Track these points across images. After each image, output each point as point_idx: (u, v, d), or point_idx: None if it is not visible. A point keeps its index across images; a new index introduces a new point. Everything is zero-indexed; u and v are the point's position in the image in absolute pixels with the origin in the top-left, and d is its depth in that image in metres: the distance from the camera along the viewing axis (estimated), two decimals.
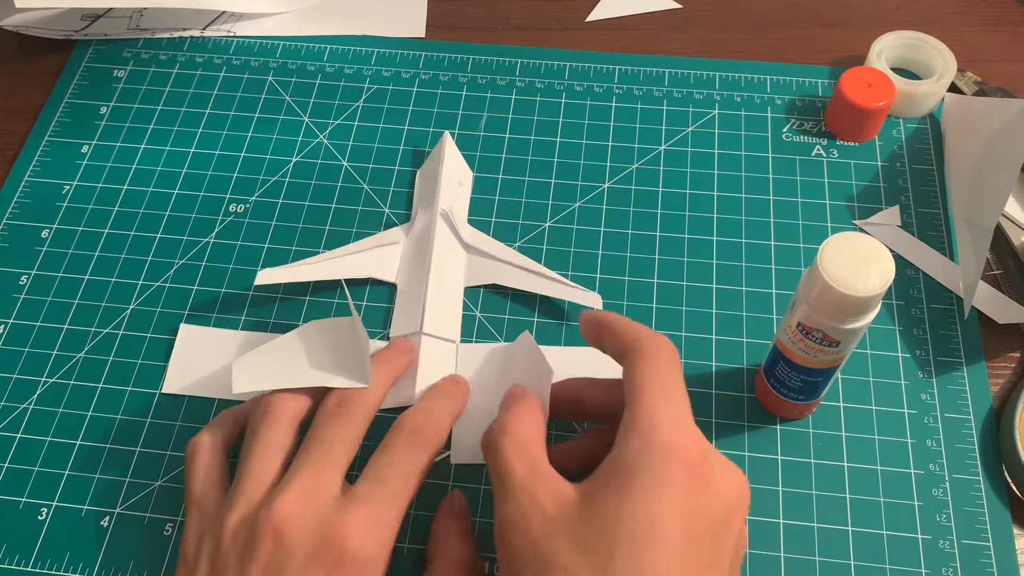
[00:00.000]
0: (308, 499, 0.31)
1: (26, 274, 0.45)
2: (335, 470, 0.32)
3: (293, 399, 0.35)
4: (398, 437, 0.33)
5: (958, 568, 0.36)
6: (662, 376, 0.30)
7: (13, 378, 0.42)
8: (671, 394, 0.30)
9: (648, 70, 0.53)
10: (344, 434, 0.33)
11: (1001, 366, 0.42)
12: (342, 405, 0.34)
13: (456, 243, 0.44)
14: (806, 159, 0.49)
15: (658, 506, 0.27)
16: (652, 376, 0.30)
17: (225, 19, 0.56)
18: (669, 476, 0.28)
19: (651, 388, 0.30)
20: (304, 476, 0.31)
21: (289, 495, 0.30)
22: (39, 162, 0.50)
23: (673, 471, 0.28)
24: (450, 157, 0.46)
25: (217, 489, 0.34)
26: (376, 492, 0.31)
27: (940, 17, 0.55)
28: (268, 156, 0.50)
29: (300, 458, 0.32)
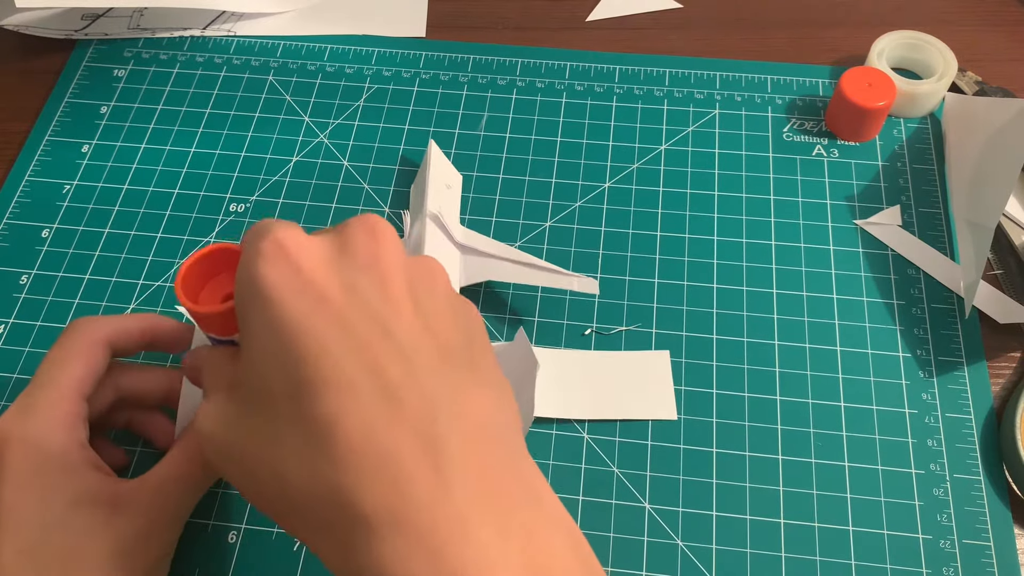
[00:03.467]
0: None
1: (26, 274, 0.45)
2: (37, 390, 0.33)
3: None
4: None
5: (959, 568, 0.36)
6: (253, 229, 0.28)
7: (13, 378, 0.42)
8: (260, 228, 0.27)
9: (649, 70, 0.53)
10: (50, 355, 0.34)
11: (1002, 366, 0.42)
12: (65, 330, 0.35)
13: (449, 244, 0.44)
14: (807, 159, 0.49)
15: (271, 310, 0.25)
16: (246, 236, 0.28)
17: (225, 19, 0.56)
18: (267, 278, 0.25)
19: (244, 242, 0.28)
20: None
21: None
22: (39, 162, 0.50)
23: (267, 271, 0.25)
24: (436, 163, 0.46)
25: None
26: (32, 382, 0.33)
27: (941, 17, 0.55)
28: (268, 156, 0.50)
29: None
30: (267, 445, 0.25)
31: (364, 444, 0.23)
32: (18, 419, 0.31)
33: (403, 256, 0.27)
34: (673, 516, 0.38)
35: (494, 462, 0.25)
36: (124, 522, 0.31)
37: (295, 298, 0.25)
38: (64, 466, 0.31)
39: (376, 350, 0.25)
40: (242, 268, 0.27)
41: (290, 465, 0.24)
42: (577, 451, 0.39)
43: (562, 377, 0.41)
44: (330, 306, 0.25)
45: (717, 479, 0.39)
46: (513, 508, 0.24)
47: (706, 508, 0.38)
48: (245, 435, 0.26)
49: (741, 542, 0.37)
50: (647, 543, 0.37)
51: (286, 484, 0.24)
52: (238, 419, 0.26)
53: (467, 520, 0.23)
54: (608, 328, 0.43)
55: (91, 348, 0.34)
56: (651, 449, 0.39)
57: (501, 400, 0.27)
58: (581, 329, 0.43)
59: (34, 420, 0.31)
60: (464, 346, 0.27)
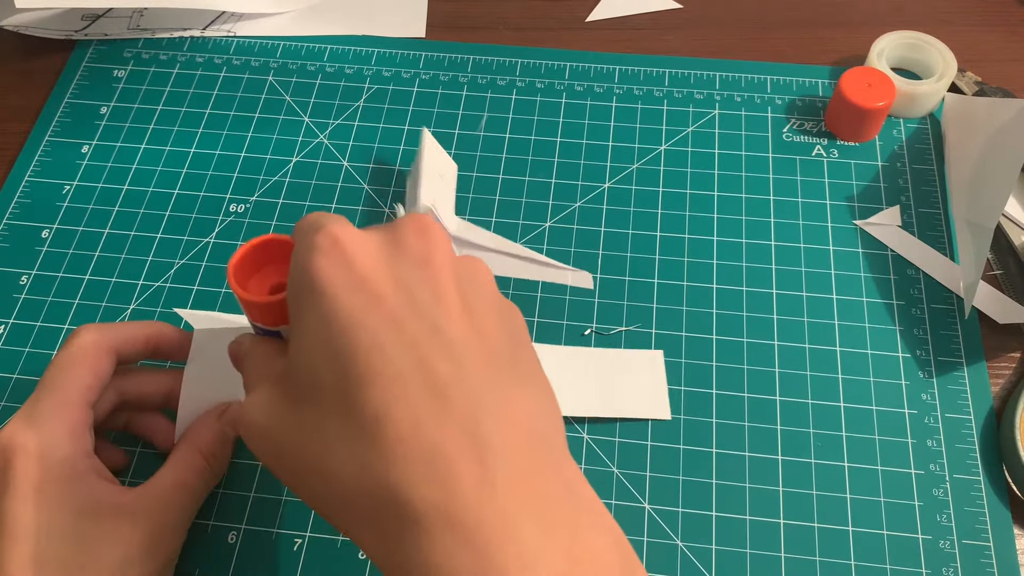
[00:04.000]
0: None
1: (26, 274, 0.45)
2: (40, 398, 0.33)
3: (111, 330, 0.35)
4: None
5: (959, 568, 0.36)
6: (305, 222, 0.28)
7: (13, 378, 0.42)
8: (312, 222, 0.28)
9: (648, 70, 0.53)
10: (54, 363, 0.34)
11: (1001, 366, 0.42)
12: (69, 338, 0.35)
13: None
14: (806, 159, 0.49)
15: (325, 303, 0.25)
16: (298, 229, 0.28)
17: (225, 19, 0.56)
18: (321, 272, 0.26)
19: (297, 233, 0.28)
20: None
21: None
22: (39, 162, 0.50)
23: (322, 266, 0.26)
24: (429, 152, 0.46)
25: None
26: (37, 392, 0.33)
27: (940, 17, 0.55)
28: (268, 156, 0.50)
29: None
30: (315, 439, 0.25)
31: (412, 439, 0.24)
32: (25, 428, 0.31)
33: (453, 255, 0.28)
34: (673, 516, 0.38)
35: (537, 462, 0.25)
36: (129, 531, 0.31)
37: (349, 293, 0.25)
38: (70, 476, 0.31)
39: (426, 347, 0.25)
40: (296, 261, 0.27)
41: (338, 459, 0.25)
42: (577, 451, 0.39)
43: (556, 373, 0.41)
44: (383, 303, 0.25)
45: (717, 479, 0.39)
46: (556, 507, 0.24)
47: (706, 508, 0.38)
48: (293, 428, 0.26)
49: (741, 542, 0.37)
50: (647, 543, 0.37)
51: (333, 477, 0.25)
52: (286, 412, 0.27)
53: (512, 518, 0.23)
54: (608, 328, 0.43)
55: (97, 356, 0.34)
56: (651, 449, 0.40)
57: (544, 401, 0.27)
58: (581, 329, 0.43)
59: (41, 429, 0.31)
60: (509, 347, 0.27)
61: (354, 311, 0.25)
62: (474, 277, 0.28)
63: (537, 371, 0.28)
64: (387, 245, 0.27)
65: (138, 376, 0.37)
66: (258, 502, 0.38)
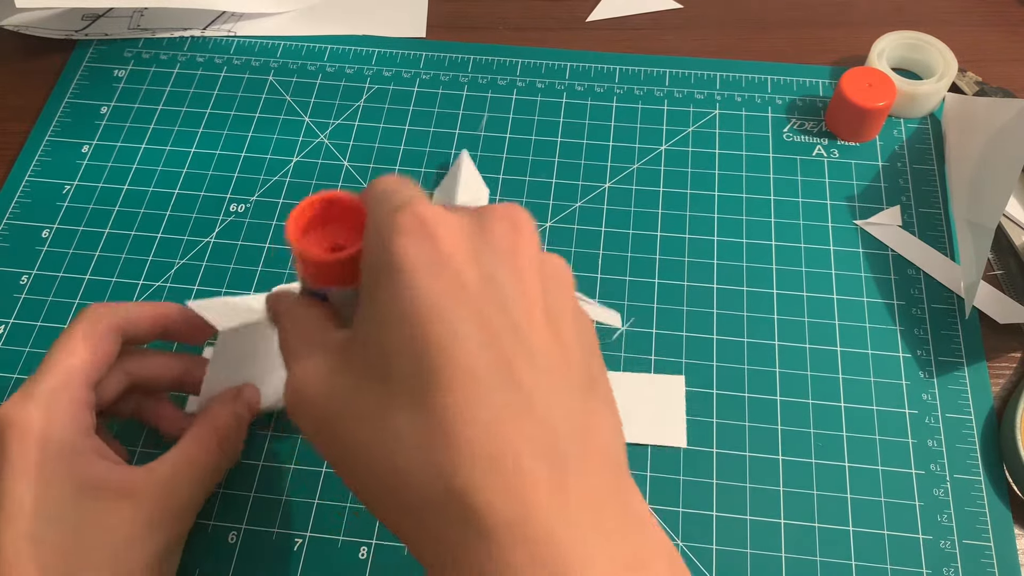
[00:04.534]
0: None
1: (26, 274, 0.45)
2: (41, 376, 0.32)
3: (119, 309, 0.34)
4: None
5: (959, 568, 0.36)
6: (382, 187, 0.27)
7: (13, 378, 0.42)
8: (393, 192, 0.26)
9: (649, 70, 0.53)
10: (57, 342, 0.33)
11: (1002, 366, 0.42)
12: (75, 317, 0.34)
13: None
14: (807, 159, 0.49)
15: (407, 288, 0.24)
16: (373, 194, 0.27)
17: (226, 19, 0.56)
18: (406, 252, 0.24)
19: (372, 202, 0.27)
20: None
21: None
22: (39, 162, 0.50)
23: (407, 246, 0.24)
24: (467, 175, 0.46)
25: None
26: (37, 370, 0.32)
27: (941, 17, 0.55)
28: (269, 156, 0.50)
29: None
30: (375, 424, 0.24)
31: (488, 443, 0.22)
32: (22, 405, 0.31)
33: (540, 251, 0.26)
34: (673, 516, 0.38)
35: (607, 484, 0.24)
36: (130, 511, 0.31)
37: (433, 279, 0.24)
38: (69, 454, 0.31)
39: (508, 347, 0.24)
40: (375, 235, 0.25)
41: (402, 448, 0.23)
42: None
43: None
44: (467, 293, 0.24)
45: (717, 479, 0.39)
46: (623, 531, 0.23)
47: (706, 508, 0.38)
48: (351, 408, 0.25)
49: (741, 542, 0.37)
50: None
51: (394, 467, 0.23)
52: (345, 389, 0.25)
53: (582, 537, 0.22)
54: (610, 333, 0.43)
55: (100, 334, 0.33)
56: (651, 449, 0.39)
57: (615, 419, 0.26)
58: None
59: (36, 406, 0.31)
60: (584, 359, 0.26)
61: (438, 297, 0.23)
62: (559, 278, 0.26)
63: (608, 387, 0.27)
64: (474, 231, 0.25)
65: (146, 358, 0.36)
66: (258, 502, 0.38)
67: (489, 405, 0.23)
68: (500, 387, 0.23)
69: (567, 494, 0.23)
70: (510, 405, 0.23)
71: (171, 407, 0.38)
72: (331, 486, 0.39)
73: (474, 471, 0.22)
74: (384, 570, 0.37)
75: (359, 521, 0.38)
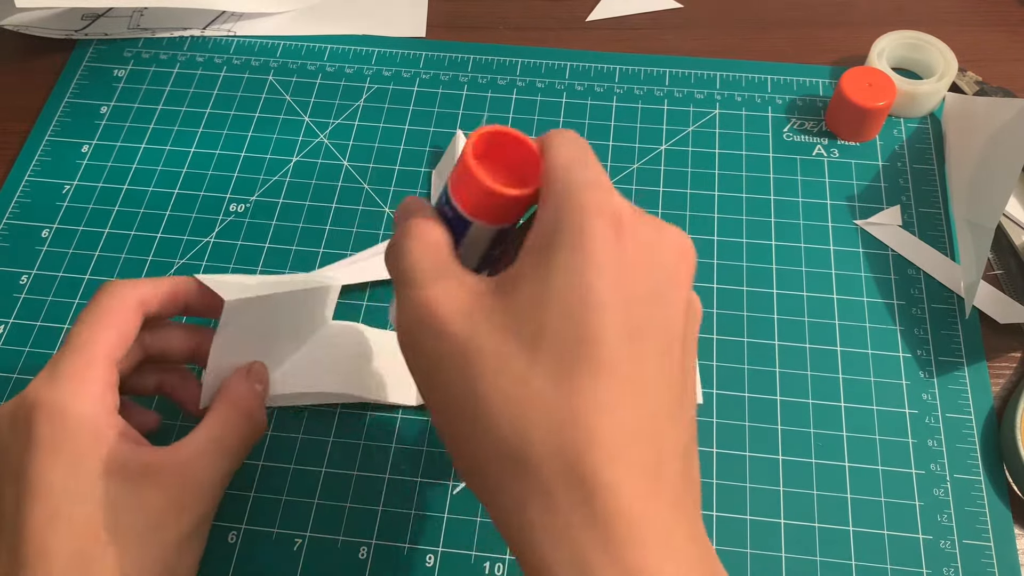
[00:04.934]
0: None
1: (26, 274, 0.45)
2: (64, 354, 0.32)
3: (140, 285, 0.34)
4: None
5: (959, 568, 0.36)
6: (573, 151, 0.27)
7: (13, 378, 0.42)
8: (586, 163, 0.27)
9: (649, 70, 0.53)
10: (81, 318, 0.33)
11: (1002, 366, 0.42)
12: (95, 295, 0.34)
13: None
14: (807, 159, 0.49)
15: (587, 270, 0.24)
16: (562, 152, 0.27)
17: (225, 19, 0.56)
18: (596, 236, 0.25)
19: (563, 161, 0.27)
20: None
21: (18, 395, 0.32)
22: (39, 162, 0.50)
23: (599, 231, 0.25)
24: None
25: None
26: (60, 351, 0.32)
27: (941, 17, 0.55)
28: (268, 156, 0.50)
29: None
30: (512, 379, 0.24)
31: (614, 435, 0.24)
32: (47, 385, 0.31)
33: (691, 286, 0.28)
34: None
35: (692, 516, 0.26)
36: (154, 492, 0.31)
37: (612, 274, 0.25)
38: (93, 433, 0.30)
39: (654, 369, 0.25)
40: (566, 201, 0.26)
41: (528, 412, 0.24)
42: None
43: None
44: (635, 300, 0.25)
45: (717, 479, 0.39)
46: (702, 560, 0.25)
47: (706, 508, 0.38)
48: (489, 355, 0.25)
49: (741, 542, 0.37)
50: None
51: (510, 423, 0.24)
52: (488, 334, 0.25)
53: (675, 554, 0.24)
54: None
55: (123, 312, 0.33)
56: None
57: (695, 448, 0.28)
58: None
59: (63, 386, 0.30)
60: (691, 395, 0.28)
61: (611, 292, 0.24)
62: (697, 316, 0.28)
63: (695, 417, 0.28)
64: (652, 243, 0.26)
65: (160, 331, 0.36)
66: (258, 502, 0.38)
67: (623, 405, 0.24)
68: (633, 394, 0.24)
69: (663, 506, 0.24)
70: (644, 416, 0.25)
71: (196, 383, 0.37)
72: (331, 486, 0.39)
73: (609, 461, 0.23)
74: (384, 570, 0.37)
75: (359, 521, 0.38)
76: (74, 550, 0.29)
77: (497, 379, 0.25)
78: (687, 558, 0.24)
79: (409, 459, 0.39)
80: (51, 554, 0.29)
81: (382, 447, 0.40)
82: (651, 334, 0.25)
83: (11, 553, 0.29)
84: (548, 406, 0.24)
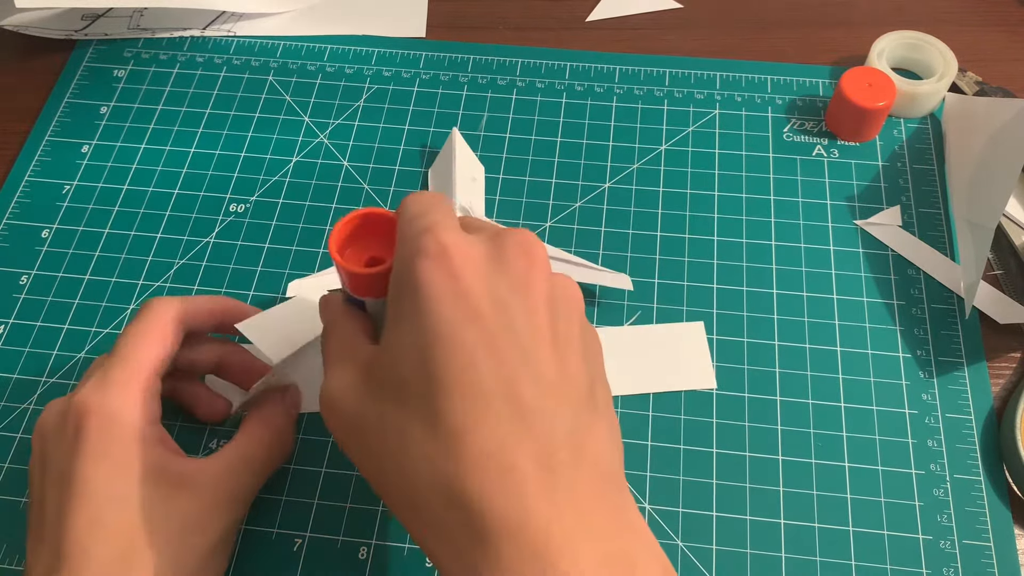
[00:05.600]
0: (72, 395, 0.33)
1: (26, 274, 0.45)
2: (114, 365, 0.33)
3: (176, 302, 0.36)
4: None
5: (959, 568, 0.36)
6: (417, 207, 0.29)
7: (13, 378, 0.42)
8: (425, 213, 0.28)
9: (649, 70, 0.53)
10: (127, 332, 0.35)
11: (1002, 366, 0.42)
12: (139, 310, 0.36)
13: None
14: (807, 159, 0.49)
15: (423, 311, 0.26)
16: (408, 211, 0.29)
17: (225, 19, 0.56)
18: (423, 275, 0.26)
19: (407, 219, 0.29)
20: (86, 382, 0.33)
21: (63, 399, 0.33)
22: (39, 162, 0.50)
23: (426, 270, 0.27)
24: (461, 153, 0.46)
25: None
26: (108, 358, 0.34)
27: (941, 17, 0.55)
28: (268, 156, 0.50)
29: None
30: (394, 433, 0.27)
31: (492, 456, 0.25)
32: (98, 393, 0.32)
33: (550, 277, 0.28)
34: (673, 516, 0.38)
35: (602, 494, 0.27)
36: (186, 501, 0.32)
37: (451, 305, 0.26)
38: (137, 440, 0.32)
39: (516, 372, 0.26)
40: (402, 257, 0.28)
41: (414, 458, 0.26)
42: None
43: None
44: (481, 320, 0.26)
45: (717, 479, 0.39)
46: (616, 537, 0.26)
47: (706, 508, 0.38)
48: (374, 417, 0.27)
49: (741, 542, 0.37)
50: None
51: (408, 475, 0.26)
52: (369, 399, 0.28)
53: (577, 543, 0.25)
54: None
55: (168, 327, 0.35)
56: (651, 449, 0.39)
57: (614, 435, 0.29)
58: None
59: (113, 396, 0.32)
60: (587, 379, 0.28)
61: (454, 323, 0.26)
62: (568, 302, 0.29)
63: (609, 404, 0.29)
64: (491, 259, 0.28)
65: (191, 344, 0.38)
66: (258, 502, 0.38)
67: (494, 422, 0.26)
68: (506, 407, 0.26)
69: (561, 502, 0.25)
70: (513, 423, 0.26)
71: (206, 390, 0.40)
72: (331, 486, 0.39)
73: (479, 479, 0.25)
74: (384, 570, 0.37)
75: (359, 521, 0.38)
76: (113, 553, 0.30)
77: (384, 441, 0.27)
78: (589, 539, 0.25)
79: None
80: (91, 556, 0.30)
81: None
82: (506, 344, 0.26)
83: (53, 553, 0.30)
84: (424, 450, 0.26)
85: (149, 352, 0.34)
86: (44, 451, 0.32)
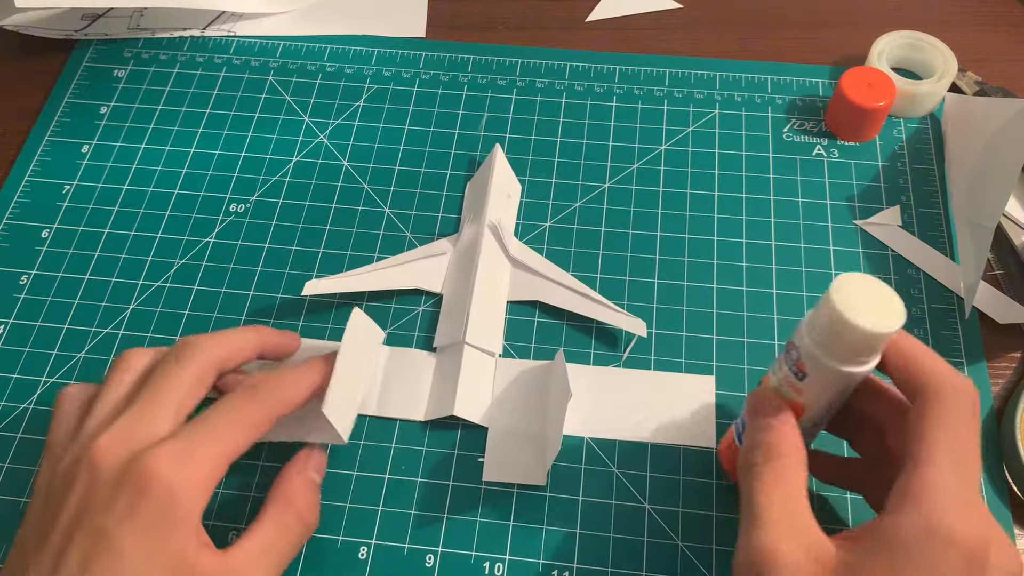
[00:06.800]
0: (127, 437, 0.31)
1: (26, 274, 0.45)
2: (161, 410, 0.32)
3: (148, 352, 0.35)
4: (236, 389, 0.34)
5: None
6: (957, 435, 0.28)
7: (13, 378, 0.42)
8: (962, 461, 0.27)
9: (648, 70, 0.53)
10: (175, 375, 0.33)
11: (1002, 366, 0.42)
12: (179, 349, 0.34)
13: (502, 256, 0.44)
14: (807, 159, 0.49)
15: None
16: (945, 434, 0.28)
17: (225, 19, 0.56)
18: (946, 571, 0.26)
19: (940, 451, 0.27)
20: (127, 416, 0.32)
21: (112, 433, 0.31)
22: (39, 162, 0.50)
23: (951, 566, 0.26)
24: (500, 169, 0.46)
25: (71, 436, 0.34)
26: (193, 429, 0.32)
27: (941, 17, 0.55)
28: (268, 156, 0.50)
29: (131, 400, 0.33)
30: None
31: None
32: (175, 463, 0.30)
33: None
34: (673, 516, 0.38)
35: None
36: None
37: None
38: (186, 530, 0.30)
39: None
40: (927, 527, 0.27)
41: None
42: (577, 452, 0.39)
43: (600, 397, 0.41)
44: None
45: (717, 479, 0.39)
46: None
47: (706, 508, 0.38)
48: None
49: None
50: (647, 543, 0.37)
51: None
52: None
53: None
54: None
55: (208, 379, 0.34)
56: (651, 449, 0.39)
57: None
58: (579, 331, 0.43)
59: (190, 472, 0.30)
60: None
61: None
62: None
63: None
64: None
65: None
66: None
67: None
68: None
69: None
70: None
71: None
72: (331, 486, 0.39)
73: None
74: (384, 570, 0.37)
75: (359, 521, 0.38)
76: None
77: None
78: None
79: (409, 459, 0.39)
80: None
81: (382, 447, 0.40)
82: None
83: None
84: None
85: (239, 438, 0.32)
86: (93, 488, 0.30)
